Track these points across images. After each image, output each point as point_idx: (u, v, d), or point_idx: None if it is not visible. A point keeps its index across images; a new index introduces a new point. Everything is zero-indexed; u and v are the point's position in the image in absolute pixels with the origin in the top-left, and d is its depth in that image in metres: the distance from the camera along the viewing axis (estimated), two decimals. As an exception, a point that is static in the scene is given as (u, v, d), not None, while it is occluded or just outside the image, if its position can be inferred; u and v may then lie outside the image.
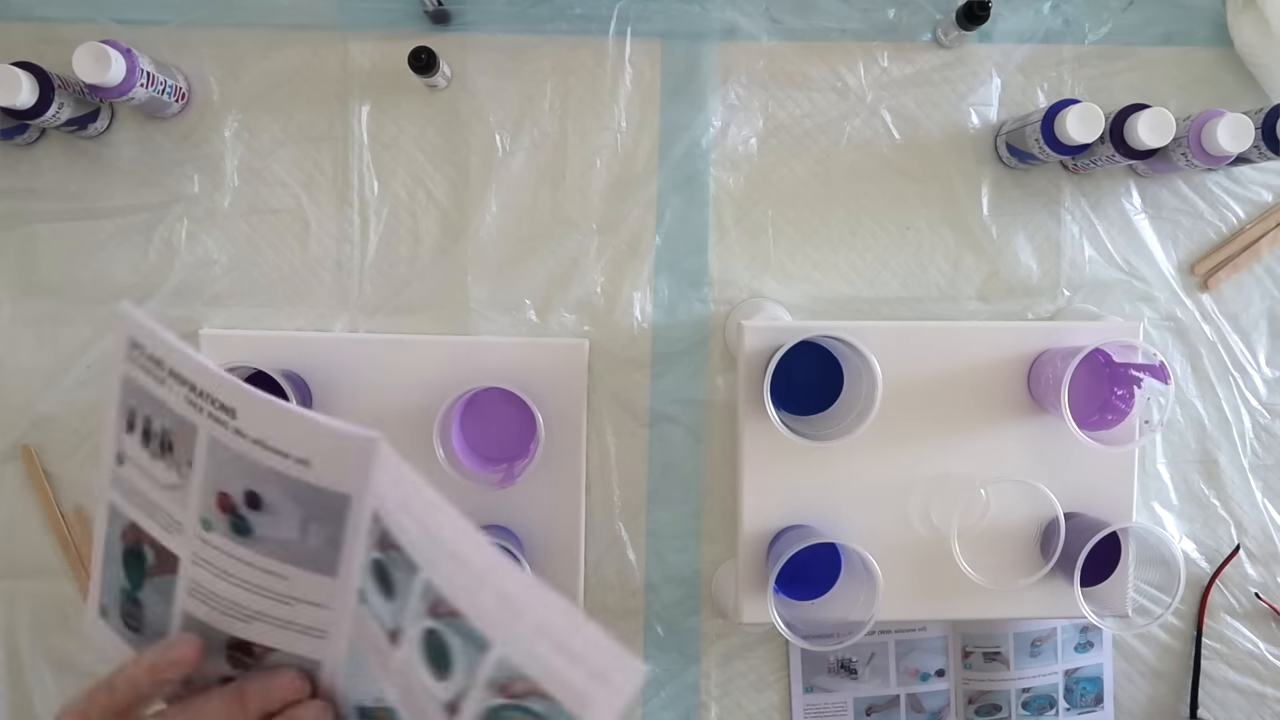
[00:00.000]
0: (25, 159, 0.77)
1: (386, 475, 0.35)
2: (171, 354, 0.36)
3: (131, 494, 0.40)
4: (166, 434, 0.38)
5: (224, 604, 0.38)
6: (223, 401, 0.36)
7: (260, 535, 0.37)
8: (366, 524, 0.36)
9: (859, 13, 0.78)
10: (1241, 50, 0.78)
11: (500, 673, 0.32)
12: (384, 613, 0.36)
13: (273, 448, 0.36)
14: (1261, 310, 0.81)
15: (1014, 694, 0.81)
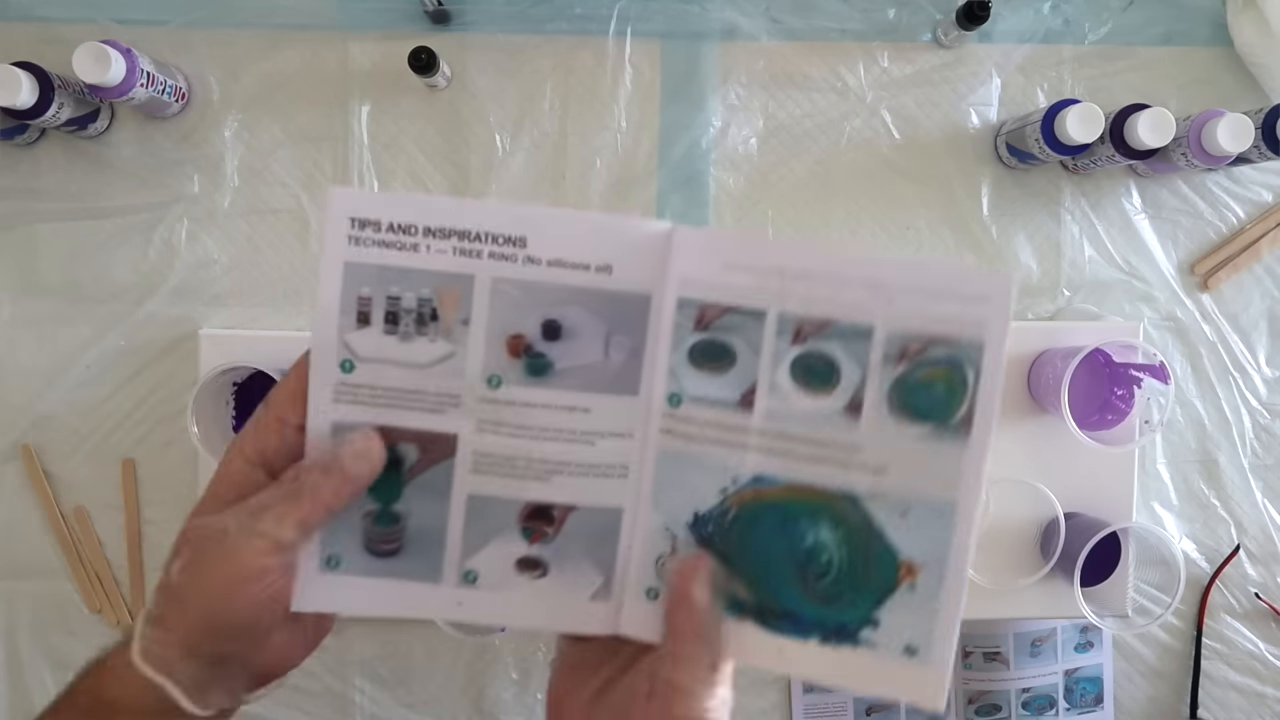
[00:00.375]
0: (25, 159, 0.77)
1: (685, 256, 0.34)
2: (427, 210, 0.34)
3: (373, 397, 0.36)
4: (424, 304, 0.35)
5: (519, 466, 0.36)
6: (508, 234, 0.34)
7: (560, 369, 0.36)
8: (670, 318, 0.35)
9: (859, 13, 0.78)
10: (1241, 50, 0.78)
11: (891, 347, 0.34)
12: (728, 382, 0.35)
13: (572, 263, 0.35)
14: (1261, 310, 0.81)
15: (1014, 694, 0.81)
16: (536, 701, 0.80)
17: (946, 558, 0.35)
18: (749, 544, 0.36)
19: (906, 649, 0.36)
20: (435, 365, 0.36)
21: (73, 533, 0.78)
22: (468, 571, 0.38)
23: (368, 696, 0.80)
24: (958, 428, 0.35)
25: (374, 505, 0.37)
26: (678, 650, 0.34)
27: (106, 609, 0.79)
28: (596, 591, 0.38)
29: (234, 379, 0.75)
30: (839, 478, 0.35)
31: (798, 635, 0.36)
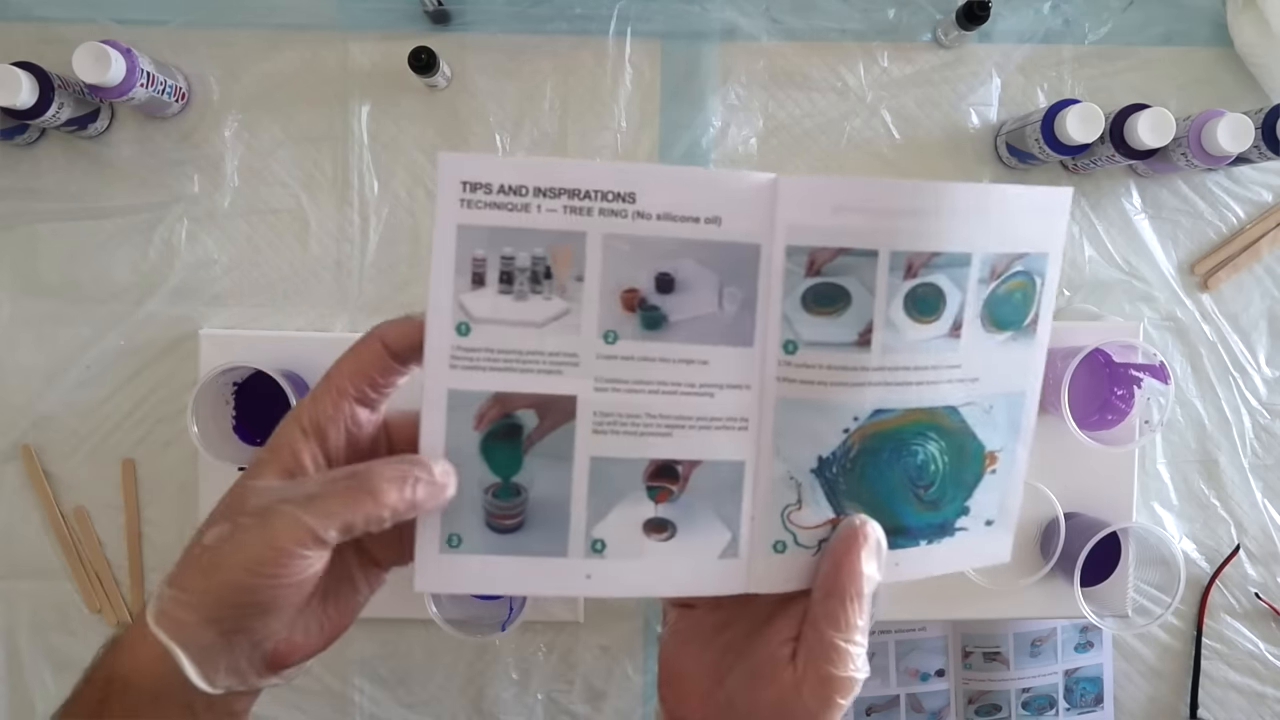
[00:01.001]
0: (25, 159, 0.77)
1: (792, 204, 0.35)
2: (537, 171, 0.35)
3: (490, 361, 0.36)
4: (538, 262, 0.35)
5: (640, 424, 0.36)
6: (617, 190, 0.35)
7: (675, 321, 0.36)
8: (780, 266, 0.36)
9: (859, 13, 0.78)
10: (1241, 50, 0.78)
11: (985, 269, 0.36)
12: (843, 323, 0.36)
13: (681, 216, 0.35)
14: (1261, 310, 0.81)
15: (1014, 694, 0.81)
16: (537, 702, 0.80)
17: (1018, 438, 0.40)
18: (869, 475, 0.37)
19: (986, 522, 0.40)
20: (551, 323, 0.36)
21: (73, 533, 0.78)
22: (595, 540, 0.37)
23: (367, 696, 0.80)
24: (1028, 328, 0.38)
25: (494, 479, 0.36)
26: (834, 611, 0.35)
27: (106, 609, 0.79)
28: (725, 549, 0.37)
29: (234, 379, 0.75)
30: (943, 394, 0.37)
31: (909, 545, 0.38)
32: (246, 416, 0.76)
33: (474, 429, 0.36)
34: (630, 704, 0.80)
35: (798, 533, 0.38)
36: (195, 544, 0.34)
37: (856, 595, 0.35)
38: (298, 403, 0.36)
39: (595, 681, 0.80)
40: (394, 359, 0.36)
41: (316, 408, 0.35)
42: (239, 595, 0.33)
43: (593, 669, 0.80)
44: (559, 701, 0.81)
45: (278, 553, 0.32)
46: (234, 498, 0.35)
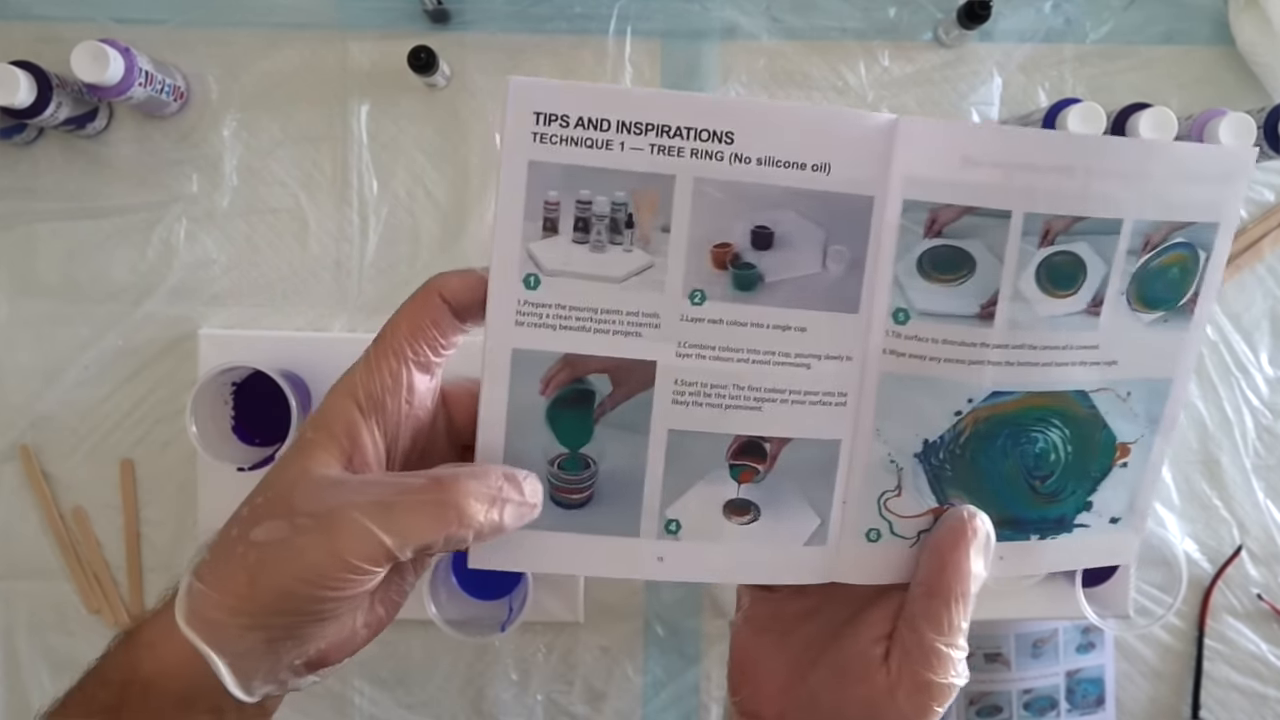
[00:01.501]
0: (23, 158, 0.77)
1: (914, 152, 0.31)
2: (622, 102, 0.30)
3: (560, 318, 0.32)
4: (619, 208, 0.31)
5: (725, 395, 0.32)
6: (713, 129, 0.30)
7: (771, 282, 0.32)
8: (895, 223, 0.31)
9: (859, 11, 0.78)
10: (1243, 49, 0.78)
11: (1136, 239, 0.32)
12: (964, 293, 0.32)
13: (785, 161, 0.31)
14: (1264, 310, 0.80)
15: (1015, 695, 0.81)
16: (536, 702, 0.80)
17: (1156, 430, 0.35)
18: (980, 463, 0.34)
19: (1111, 519, 0.36)
20: (631, 279, 0.32)
21: (71, 533, 0.78)
22: (669, 521, 0.33)
23: (366, 697, 0.80)
24: (1184, 309, 0.34)
25: (561, 449, 0.33)
26: (936, 612, 0.32)
27: (105, 609, 0.78)
28: (812, 535, 0.34)
29: (233, 379, 0.74)
30: (1074, 377, 0.34)
31: (1019, 538, 0.35)
32: (245, 417, 0.75)
33: (540, 394, 0.33)
34: (630, 705, 0.80)
35: (894, 521, 0.34)
36: (236, 536, 0.30)
37: (961, 595, 0.32)
38: (348, 371, 0.32)
39: (595, 682, 0.80)
40: (455, 315, 0.32)
41: (372, 377, 0.31)
42: (291, 604, 0.29)
43: (593, 670, 0.80)
44: (559, 702, 0.80)
45: (346, 567, 0.28)
46: (284, 484, 0.30)
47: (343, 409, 0.31)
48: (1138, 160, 0.31)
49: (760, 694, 0.35)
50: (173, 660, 0.29)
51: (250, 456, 0.72)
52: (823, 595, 0.35)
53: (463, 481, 0.29)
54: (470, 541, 0.30)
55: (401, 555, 0.29)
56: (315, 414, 0.32)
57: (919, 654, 0.32)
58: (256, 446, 0.75)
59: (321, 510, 0.29)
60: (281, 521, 0.29)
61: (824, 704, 0.33)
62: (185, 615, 0.29)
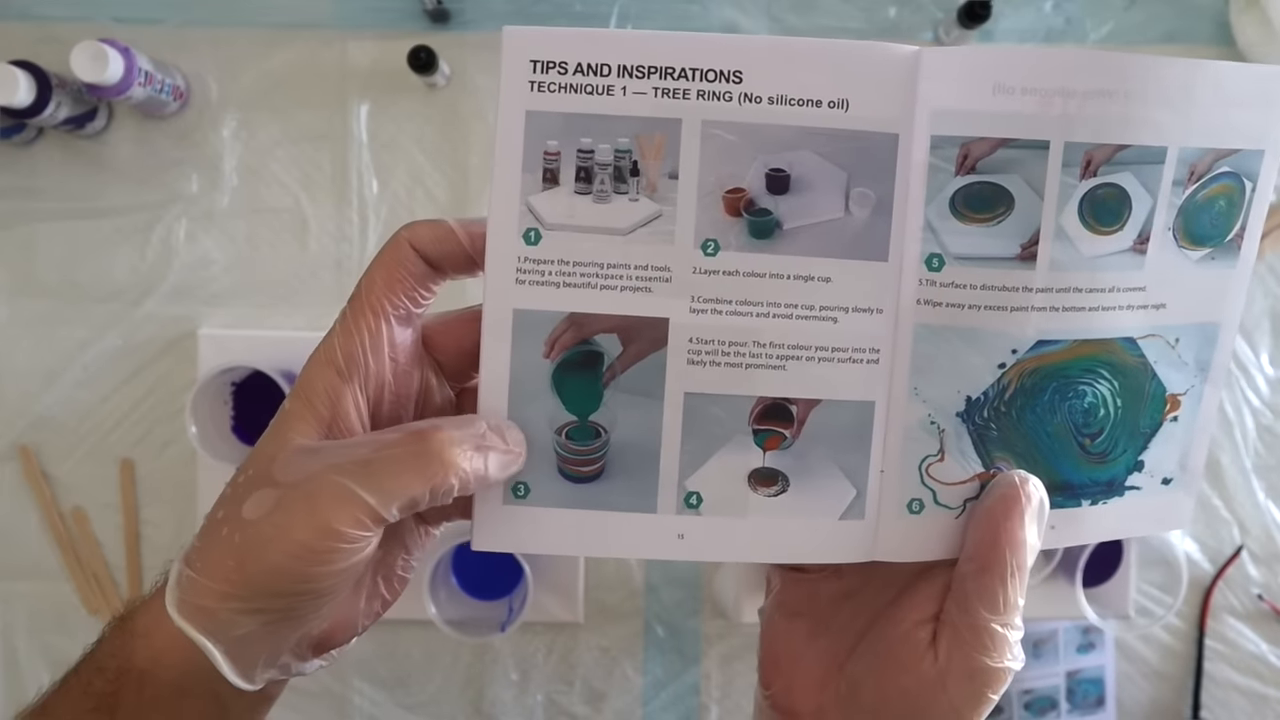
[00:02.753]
0: (23, 158, 0.77)
1: (940, 83, 0.28)
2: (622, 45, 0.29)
3: (563, 275, 0.30)
4: (622, 155, 0.29)
5: (745, 353, 0.30)
6: (720, 68, 0.28)
7: (789, 229, 0.29)
8: (924, 160, 0.29)
9: (859, 11, 0.78)
10: (1244, 49, 0.78)
11: (1181, 169, 0.30)
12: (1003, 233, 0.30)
13: (799, 99, 0.28)
14: (1264, 310, 0.80)
15: (1015, 695, 0.81)
16: (536, 703, 0.80)
17: (1205, 378, 0.33)
18: (1028, 421, 0.31)
19: (1164, 480, 0.34)
20: (638, 229, 0.30)
21: (70, 533, 0.78)
22: (689, 494, 0.31)
23: (366, 697, 0.79)
24: (1230, 245, 0.32)
25: (569, 417, 0.31)
26: (991, 589, 0.29)
27: (104, 610, 0.78)
28: (848, 508, 0.31)
29: (232, 379, 0.74)
30: (1121, 322, 0.31)
31: (1070, 504, 0.32)
32: (245, 417, 0.75)
33: (544, 357, 0.30)
34: (630, 705, 0.80)
35: (938, 490, 0.31)
36: (221, 518, 0.28)
37: (1018, 569, 0.29)
38: (324, 338, 0.30)
39: (595, 682, 0.80)
40: (430, 266, 0.31)
41: (351, 339, 0.30)
42: (284, 583, 0.27)
43: (593, 670, 0.80)
44: (559, 703, 0.80)
45: (331, 534, 0.27)
46: (264, 459, 0.29)
47: (321, 375, 0.30)
48: (1182, 82, 0.29)
49: (795, 687, 0.33)
50: (167, 649, 0.28)
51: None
52: (861, 575, 0.32)
53: (444, 430, 0.28)
54: (458, 493, 0.28)
55: (388, 514, 0.27)
56: (295, 385, 0.30)
57: (971, 636, 0.29)
58: (256, 446, 0.75)
59: (302, 479, 0.27)
60: (263, 494, 0.28)
61: (865, 696, 0.31)
62: (176, 604, 0.28)
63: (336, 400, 0.29)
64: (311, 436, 0.29)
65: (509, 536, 0.31)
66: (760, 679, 0.34)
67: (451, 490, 0.28)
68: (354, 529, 0.27)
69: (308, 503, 0.27)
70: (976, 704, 0.29)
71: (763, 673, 0.34)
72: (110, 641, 0.30)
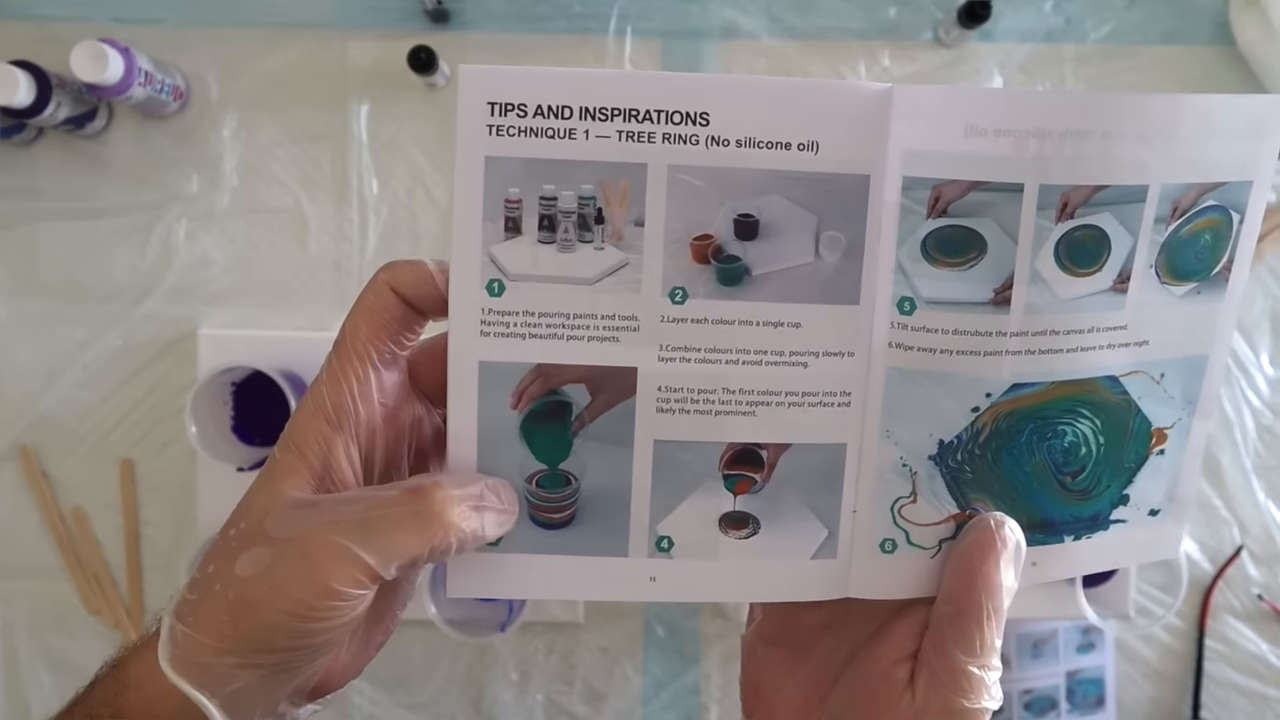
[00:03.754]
0: (23, 158, 0.77)
1: (912, 123, 0.28)
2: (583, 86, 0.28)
3: (529, 327, 0.30)
4: (586, 202, 0.28)
5: (715, 400, 0.30)
6: (686, 110, 0.27)
7: (758, 275, 0.29)
8: (895, 203, 0.28)
9: (860, 11, 0.78)
10: (1244, 49, 0.78)
11: (1164, 205, 0.29)
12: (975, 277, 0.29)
13: (767, 141, 0.28)
14: (1264, 310, 0.80)
15: (1015, 695, 0.81)
16: (536, 703, 0.80)
17: (1194, 412, 0.33)
18: (1004, 462, 0.31)
19: (1151, 512, 0.34)
20: (604, 279, 0.29)
21: (70, 533, 0.78)
22: (660, 538, 0.31)
23: (366, 697, 0.79)
24: (1218, 278, 0.31)
25: (538, 466, 0.31)
26: (967, 632, 0.29)
27: (104, 610, 0.78)
28: (819, 548, 0.31)
29: (232, 379, 0.74)
30: (1102, 361, 0.31)
31: (1052, 540, 0.32)
32: (245, 417, 0.75)
33: (512, 408, 0.30)
34: (630, 705, 0.80)
35: (911, 530, 0.31)
36: (214, 573, 0.28)
37: (994, 612, 0.29)
38: (312, 386, 0.30)
39: (595, 682, 0.80)
40: (412, 309, 0.31)
41: (339, 388, 0.30)
42: (280, 639, 0.27)
43: (593, 670, 0.80)
44: (559, 703, 0.80)
45: (329, 594, 0.27)
46: (256, 513, 0.29)
47: (311, 426, 0.30)
48: (1162, 117, 0.28)
49: (776, 715, 0.33)
50: (159, 698, 0.28)
51: (250, 456, 0.72)
52: (841, 607, 0.33)
53: (443, 489, 0.28)
54: (454, 551, 0.28)
55: (386, 574, 0.27)
56: (284, 433, 0.30)
57: (949, 678, 0.29)
58: (256, 446, 0.75)
59: (298, 536, 0.27)
60: (258, 551, 0.27)
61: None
62: (170, 660, 0.27)
63: (328, 450, 0.29)
64: (304, 489, 0.29)
65: (483, 583, 0.31)
66: (744, 707, 0.34)
67: (450, 549, 0.28)
68: (352, 588, 0.27)
69: (305, 561, 0.27)
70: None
71: (746, 701, 0.34)
72: (103, 689, 0.29)
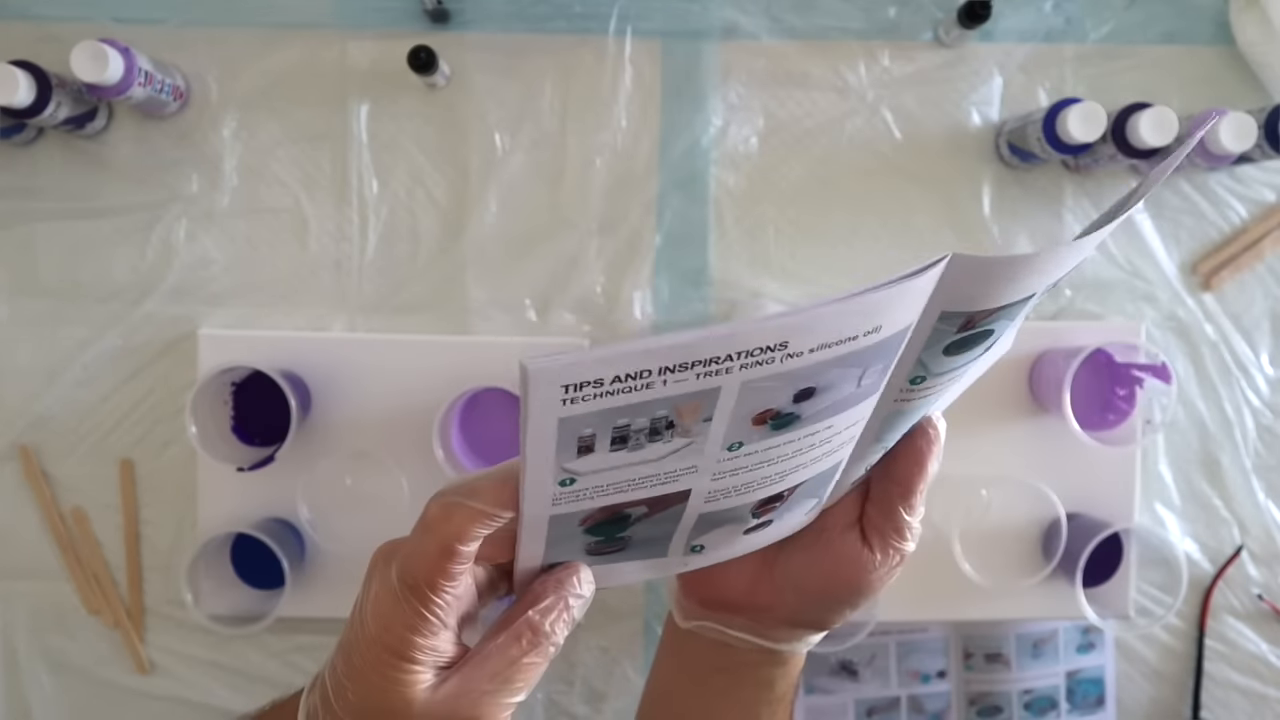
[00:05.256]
0: (23, 158, 0.77)
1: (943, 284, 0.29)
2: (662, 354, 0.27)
3: (596, 492, 0.32)
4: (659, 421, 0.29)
5: (754, 485, 0.34)
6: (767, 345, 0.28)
7: (808, 415, 0.31)
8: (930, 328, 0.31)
9: (860, 11, 0.78)
10: (1244, 49, 0.78)
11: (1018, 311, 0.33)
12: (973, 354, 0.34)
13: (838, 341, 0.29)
14: (1264, 310, 0.80)
15: (1015, 695, 0.81)
16: (536, 702, 0.80)
17: None
18: None
19: None
20: (672, 454, 0.31)
21: (70, 533, 0.78)
22: (695, 545, 0.38)
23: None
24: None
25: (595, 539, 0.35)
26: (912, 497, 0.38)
27: (104, 610, 0.78)
28: (811, 509, 0.39)
29: (232, 379, 0.74)
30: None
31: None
32: (245, 417, 0.75)
33: (578, 525, 0.33)
34: (630, 705, 0.80)
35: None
36: None
37: (930, 481, 0.38)
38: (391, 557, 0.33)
39: (595, 682, 0.80)
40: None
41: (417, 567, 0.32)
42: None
43: (593, 670, 0.80)
44: (559, 702, 0.80)
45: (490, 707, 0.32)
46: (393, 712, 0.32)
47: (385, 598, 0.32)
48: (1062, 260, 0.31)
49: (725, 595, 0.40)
50: None
51: (250, 456, 0.72)
52: None
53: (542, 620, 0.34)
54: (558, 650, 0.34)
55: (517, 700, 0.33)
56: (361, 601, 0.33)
57: (894, 531, 0.38)
58: (256, 446, 0.75)
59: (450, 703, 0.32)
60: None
61: (808, 584, 0.39)
62: None
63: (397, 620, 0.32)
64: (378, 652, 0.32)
65: None
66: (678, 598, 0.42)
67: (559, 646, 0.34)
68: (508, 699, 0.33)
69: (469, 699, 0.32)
70: (891, 579, 0.39)
71: (683, 589, 0.42)
72: None
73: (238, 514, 0.74)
